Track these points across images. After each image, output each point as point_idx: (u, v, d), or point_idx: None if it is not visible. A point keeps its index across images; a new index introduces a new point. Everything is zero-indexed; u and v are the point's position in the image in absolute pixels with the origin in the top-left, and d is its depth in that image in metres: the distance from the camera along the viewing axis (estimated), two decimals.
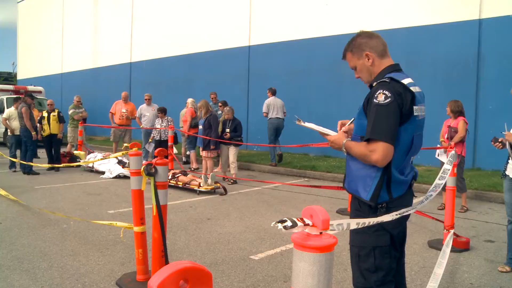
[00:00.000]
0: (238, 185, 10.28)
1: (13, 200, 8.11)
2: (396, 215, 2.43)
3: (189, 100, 13.48)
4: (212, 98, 13.71)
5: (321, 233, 1.86)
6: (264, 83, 15.34)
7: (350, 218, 2.69)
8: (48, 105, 12.95)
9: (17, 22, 33.46)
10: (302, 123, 3.08)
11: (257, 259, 5.18)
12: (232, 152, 10.56)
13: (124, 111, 14.34)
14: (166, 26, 20.30)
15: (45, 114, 12.61)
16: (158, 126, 12.48)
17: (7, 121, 12.44)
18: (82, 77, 25.77)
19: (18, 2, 33.05)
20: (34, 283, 4.42)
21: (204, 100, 11.30)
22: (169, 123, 12.30)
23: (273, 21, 15.95)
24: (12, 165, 12.18)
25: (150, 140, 12.69)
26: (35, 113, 12.84)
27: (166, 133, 12.14)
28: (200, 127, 11.01)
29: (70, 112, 14.80)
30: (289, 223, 1.84)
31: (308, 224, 1.87)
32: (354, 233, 2.72)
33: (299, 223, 1.85)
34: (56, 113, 12.61)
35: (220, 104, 12.64)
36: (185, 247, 5.61)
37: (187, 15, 19.20)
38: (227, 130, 10.68)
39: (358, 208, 2.74)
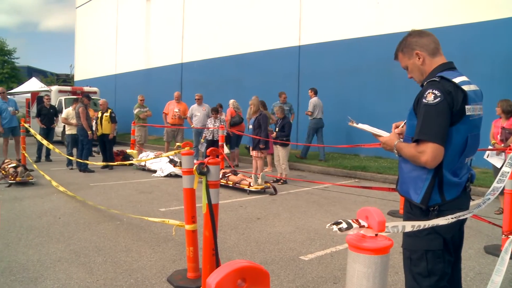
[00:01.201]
0: (288, 185, 10.26)
1: (71, 196, 8.41)
2: (452, 218, 2.36)
3: (231, 101, 14.07)
4: (284, 98, 13.92)
5: (376, 235, 1.83)
6: (314, 83, 15.24)
7: (403, 220, 2.64)
8: (100, 105, 13.33)
9: (75, 26, 34.65)
10: (355, 124, 3.04)
11: (307, 260, 5.16)
12: (281, 153, 10.52)
13: (177, 110, 14.54)
14: (217, 27, 20.51)
15: (99, 114, 13.03)
16: (210, 126, 12.60)
17: (66, 121, 12.94)
18: (134, 77, 26.38)
19: (76, 8, 34.22)
20: (90, 276, 4.57)
21: (256, 98, 11.34)
22: (222, 123, 12.43)
23: (323, 21, 15.82)
24: (69, 163, 12.65)
25: (202, 140, 12.83)
26: (91, 113, 13.23)
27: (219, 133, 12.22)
28: (250, 126, 11.04)
29: (135, 111, 15.12)
30: (344, 225, 1.82)
31: (363, 226, 1.84)
32: (406, 235, 2.67)
33: (355, 225, 1.82)
34: (108, 114, 12.97)
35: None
36: (235, 246, 5.65)
37: (237, 16, 19.34)
38: (275, 129, 10.67)
39: (410, 211, 2.70)
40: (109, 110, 13.09)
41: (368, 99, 14.14)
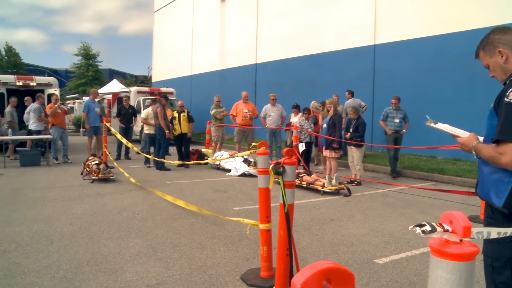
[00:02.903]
0: (363, 187, 10.07)
1: (148, 193, 8.71)
2: None
3: (312, 102, 13.99)
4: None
5: (461, 240, 1.75)
6: (390, 82, 14.91)
7: (484, 226, 2.51)
8: (178, 106, 13.67)
9: (153, 30, 35.86)
10: (433, 124, 2.93)
11: (381, 263, 5.04)
12: (355, 154, 10.35)
13: (246, 111, 14.49)
14: (291, 27, 20.52)
15: (175, 114, 13.36)
16: (307, 127, 12.26)
17: (146, 120, 13.43)
18: (209, 78, 26.93)
19: (154, 12, 35.42)
20: (166, 271, 4.71)
21: (331, 99, 11.23)
22: (314, 123, 12.37)
23: (400, 19, 15.42)
24: (147, 161, 13.11)
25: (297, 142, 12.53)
26: (169, 113, 13.62)
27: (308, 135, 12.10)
28: (324, 125, 10.93)
29: (212, 112, 15.24)
30: (428, 228, 1.75)
31: (447, 230, 1.77)
32: (487, 242, 2.53)
33: (439, 229, 1.75)
34: (185, 113, 13.30)
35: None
36: (308, 246, 5.62)
37: (312, 16, 19.25)
38: (350, 130, 10.49)
39: (491, 215, 2.57)
40: (186, 110, 13.43)
41: (447, 98, 13.61)
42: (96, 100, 14.97)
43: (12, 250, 5.36)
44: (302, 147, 11.82)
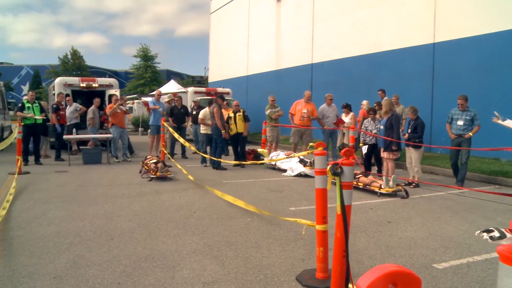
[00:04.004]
0: (421, 189, 9.80)
1: (204, 192, 8.83)
2: None
3: (364, 102, 13.82)
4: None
5: None
6: (450, 81, 14.46)
7: None
8: (235, 105, 13.78)
9: (210, 31, 36.35)
10: (501, 121, 2.82)
11: (441, 268, 4.89)
12: (414, 155, 10.09)
13: (305, 111, 13.96)
14: (347, 26, 20.27)
15: (231, 114, 13.47)
16: (371, 128, 12.01)
17: (203, 120, 13.63)
18: (265, 78, 27.01)
19: (211, 13, 35.90)
20: (222, 269, 4.77)
21: (388, 99, 11.02)
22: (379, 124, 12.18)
23: (462, 16, 14.90)
24: (203, 160, 13.29)
25: (361, 144, 12.24)
26: (226, 113, 13.74)
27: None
28: (381, 127, 10.72)
29: (267, 112, 15.15)
30: (496, 234, 1.68)
31: None
32: None
33: (508, 235, 1.67)
34: (241, 113, 13.38)
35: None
36: (364, 249, 5.53)
37: (368, 14, 18.95)
38: (409, 131, 10.22)
39: None
40: (242, 110, 13.51)
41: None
42: (166, 100, 15.44)
43: (77, 243, 5.60)
44: (365, 149, 11.59)
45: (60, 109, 15.11)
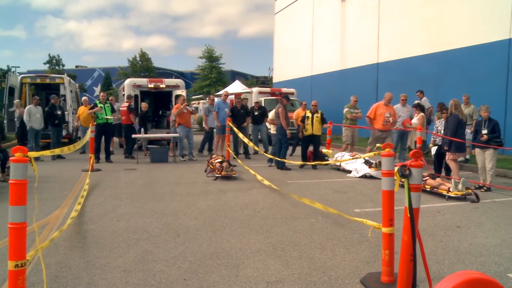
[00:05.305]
0: (493, 193, 9.38)
1: (269, 191, 8.87)
2: None
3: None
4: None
5: None
6: None
7: None
8: (313, 106, 13.33)
9: (274, 31, 36.48)
10: None
11: None
12: (489, 157, 9.62)
13: (388, 115, 12.85)
14: (414, 24, 19.74)
15: (308, 114, 13.21)
16: (441, 129, 11.33)
17: (273, 121, 13.71)
18: (329, 78, 26.79)
19: (275, 14, 36.02)
20: (286, 269, 4.77)
21: (453, 100, 10.58)
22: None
23: None
24: (270, 160, 13.35)
25: (431, 145, 11.89)
26: (303, 113, 13.68)
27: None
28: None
29: (344, 111, 15.00)
30: None
31: None
32: None
33: None
34: (319, 114, 13.14)
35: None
36: (431, 253, 5.35)
37: (436, 11, 18.36)
38: (484, 131, 9.74)
39: None
40: (319, 112, 13.23)
41: None
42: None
43: (144, 239, 5.78)
44: (433, 150, 11.22)
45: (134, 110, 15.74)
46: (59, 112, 15.12)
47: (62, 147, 9.08)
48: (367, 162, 11.67)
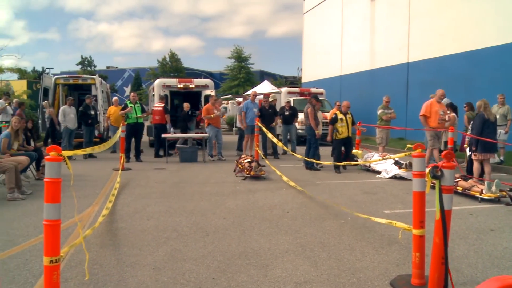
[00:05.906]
0: None
1: (298, 192, 8.85)
2: None
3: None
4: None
5: None
6: None
7: None
8: (344, 106, 12.89)
9: (303, 31, 36.39)
10: None
11: None
12: None
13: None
14: (445, 22, 19.41)
15: (341, 116, 12.60)
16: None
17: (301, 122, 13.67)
18: (359, 78, 26.58)
19: (304, 14, 35.94)
20: (315, 270, 4.75)
21: (481, 100, 10.31)
22: None
23: None
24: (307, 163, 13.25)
25: (465, 145, 11.54)
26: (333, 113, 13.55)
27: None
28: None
29: (379, 112, 14.78)
30: None
31: None
32: None
33: None
34: (351, 115, 12.80)
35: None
36: (464, 257, 5.25)
37: (469, 8, 18.01)
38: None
39: None
40: (350, 113, 12.85)
41: None
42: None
43: (174, 238, 5.84)
44: (468, 151, 10.99)
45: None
46: (92, 112, 15.45)
47: (94, 146, 9.24)
48: (397, 163, 11.52)
